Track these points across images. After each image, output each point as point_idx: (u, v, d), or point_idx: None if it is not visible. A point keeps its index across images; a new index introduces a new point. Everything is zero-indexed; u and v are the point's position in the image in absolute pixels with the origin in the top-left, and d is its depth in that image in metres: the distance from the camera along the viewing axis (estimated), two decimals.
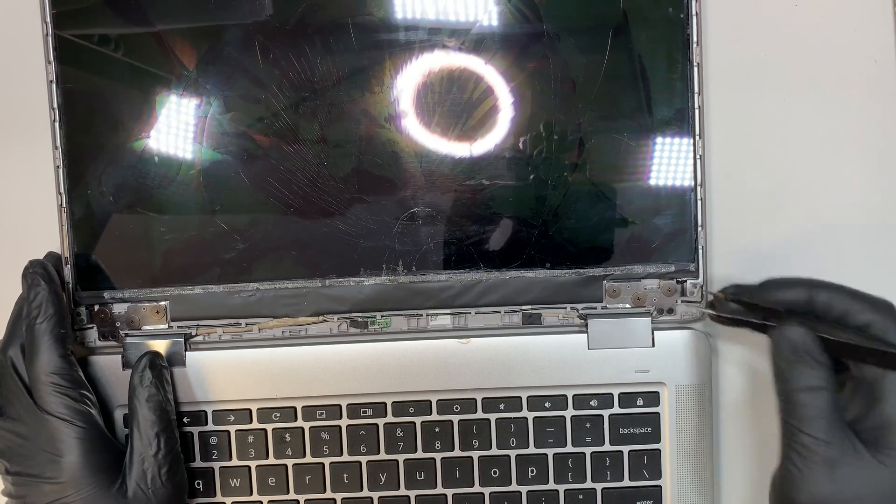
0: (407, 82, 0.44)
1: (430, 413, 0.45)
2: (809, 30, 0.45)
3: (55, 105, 0.44)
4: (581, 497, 0.44)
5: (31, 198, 0.46)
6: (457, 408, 0.45)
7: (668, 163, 0.44)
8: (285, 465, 0.45)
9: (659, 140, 0.44)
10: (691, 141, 0.44)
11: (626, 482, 0.45)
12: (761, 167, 0.46)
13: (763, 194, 0.46)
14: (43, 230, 0.45)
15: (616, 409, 0.44)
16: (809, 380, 0.36)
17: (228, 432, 0.45)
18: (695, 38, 0.43)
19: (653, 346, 0.44)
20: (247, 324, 0.45)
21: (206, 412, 0.45)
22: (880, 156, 0.46)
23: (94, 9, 0.43)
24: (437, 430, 0.45)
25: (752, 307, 0.40)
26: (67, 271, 0.44)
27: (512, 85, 0.44)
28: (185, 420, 0.45)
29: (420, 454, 0.45)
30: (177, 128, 0.44)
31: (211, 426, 0.45)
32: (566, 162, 0.44)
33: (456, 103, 0.44)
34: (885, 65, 0.45)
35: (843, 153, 0.46)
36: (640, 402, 0.44)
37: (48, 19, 0.43)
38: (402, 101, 0.44)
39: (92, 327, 0.45)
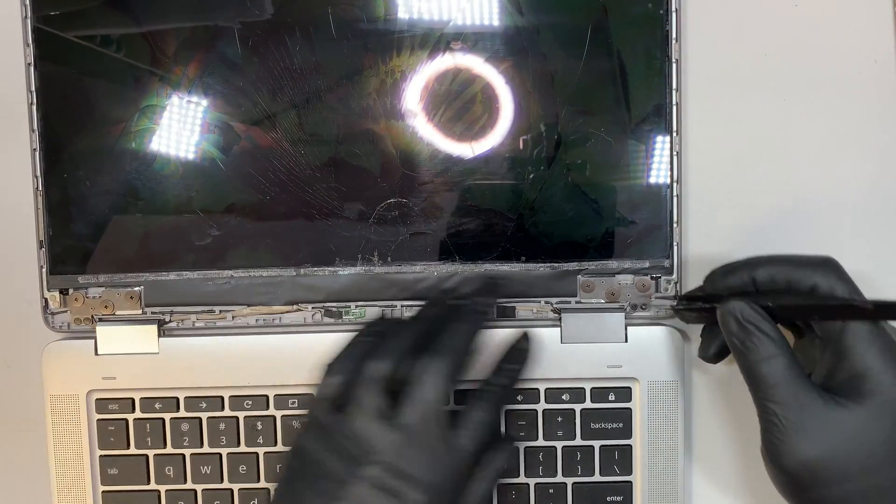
0: (385, 73, 0.44)
1: None
2: (809, 30, 0.45)
3: (33, 88, 0.44)
4: (551, 491, 0.44)
5: (7, 181, 0.46)
6: None
7: (644, 159, 0.44)
8: (256, 454, 0.45)
9: (636, 136, 0.44)
10: (668, 138, 0.44)
11: (597, 477, 0.45)
12: (752, 166, 0.45)
13: (748, 193, 0.46)
14: (19, 213, 0.45)
15: (588, 404, 0.44)
16: (762, 350, 0.36)
17: (200, 419, 0.45)
18: (674, 35, 0.43)
19: (626, 341, 0.44)
20: (221, 311, 0.45)
21: (178, 399, 0.45)
22: (880, 156, 0.46)
23: None
24: None
25: (699, 299, 0.41)
26: (42, 255, 0.44)
27: (490, 79, 0.44)
28: (156, 406, 0.45)
29: None
30: (155, 114, 0.44)
31: (183, 412, 0.45)
32: (543, 156, 0.44)
33: (434, 95, 0.44)
34: (885, 65, 0.45)
35: (842, 153, 0.46)
36: (612, 397, 0.45)
37: (27, 2, 0.43)
38: (380, 91, 0.44)
39: (66, 311, 0.45)
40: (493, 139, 0.44)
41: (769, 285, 0.38)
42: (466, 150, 0.44)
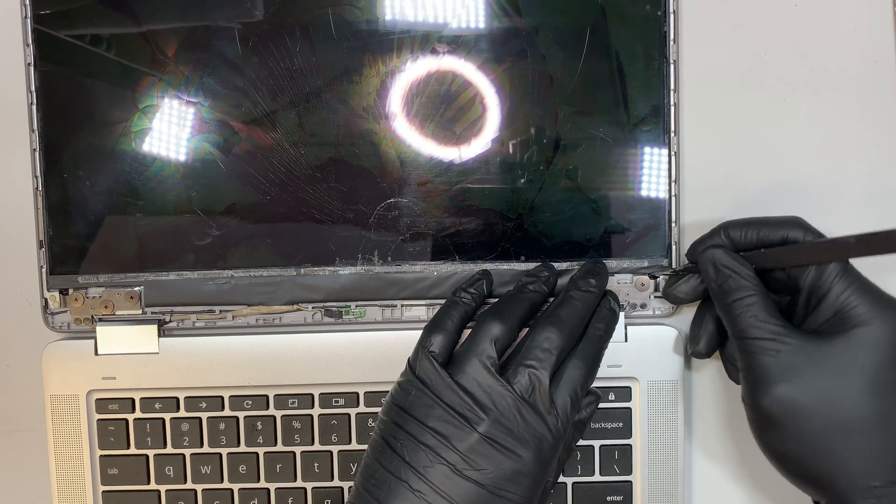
0: (386, 74, 0.44)
1: None
2: (809, 29, 0.45)
3: (33, 88, 0.44)
4: (551, 491, 0.44)
5: (7, 181, 0.46)
6: None
7: (642, 159, 0.44)
8: (256, 454, 0.45)
9: (634, 136, 0.44)
10: (666, 137, 0.44)
11: (597, 477, 0.45)
12: (750, 166, 0.45)
13: (746, 193, 0.46)
14: (19, 213, 0.45)
15: None
16: (739, 290, 0.38)
17: (200, 419, 0.45)
18: (671, 36, 0.44)
19: (625, 341, 0.44)
20: (221, 311, 0.45)
21: (178, 399, 0.45)
22: (879, 156, 0.46)
23: None
24: None
25: (683, 271, 0.43)
26: (42, 255, 0.44)
27: (490, 79, 0.44)
28: (156, 406, 0.45)
29: None
30: (154, 114, 0.44)
31: (183, 412, 0.45)
32: (542, 157, 0.44)
33: (434, 95, 0.44)
34: (885, 65, 0.45)
35: (841, 153, 0.46)
36: (611, 396, 0.45)
37: (27, 2, 0.43)
38: (380, 92, 0.44)
39: (66, 311, 0.45)
40: (492, 140, 0.44)
41: (743, 243, 0.40)
42: (466, 150, 0.44)
